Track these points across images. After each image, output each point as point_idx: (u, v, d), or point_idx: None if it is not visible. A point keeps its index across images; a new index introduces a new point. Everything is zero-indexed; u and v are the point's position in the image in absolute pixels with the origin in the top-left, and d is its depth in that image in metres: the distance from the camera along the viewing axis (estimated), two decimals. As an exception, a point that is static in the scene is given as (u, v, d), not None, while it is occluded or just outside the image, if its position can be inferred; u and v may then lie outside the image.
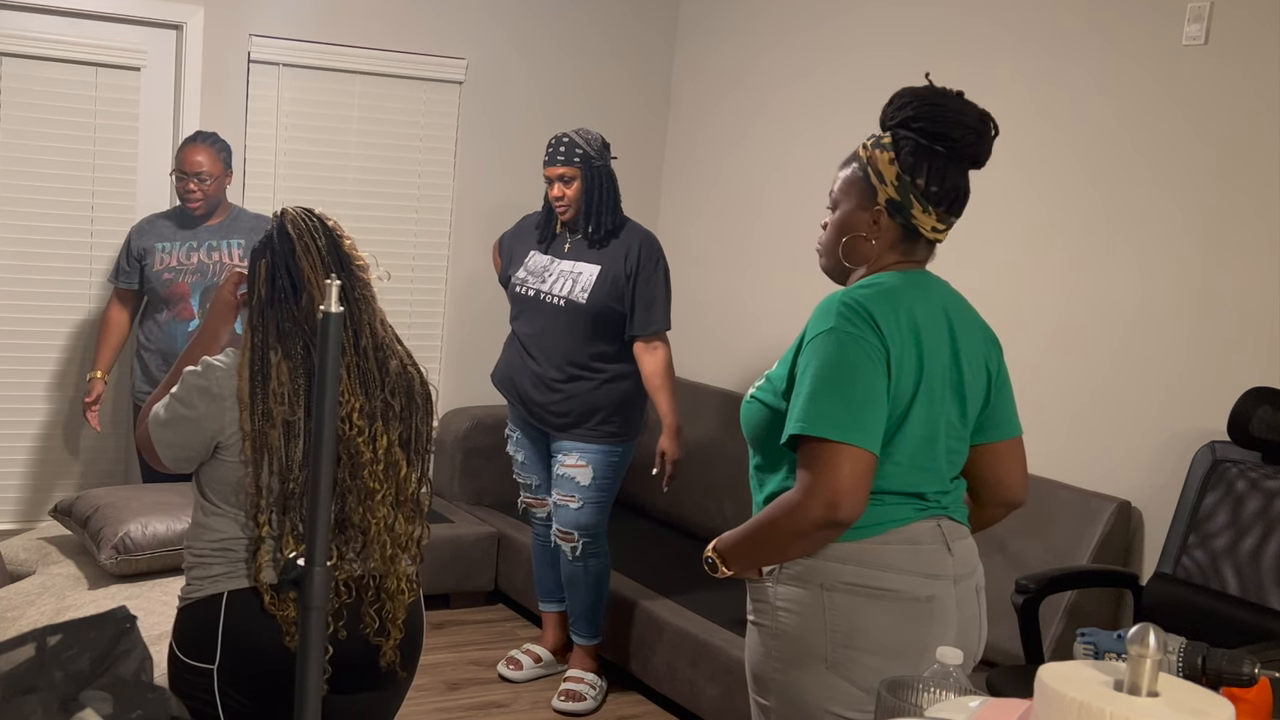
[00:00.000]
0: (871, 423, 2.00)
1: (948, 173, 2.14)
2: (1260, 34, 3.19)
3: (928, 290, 2.17)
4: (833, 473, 1.97)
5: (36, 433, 4.52)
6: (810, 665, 2.08)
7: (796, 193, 4.48)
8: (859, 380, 2.00)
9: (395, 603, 2.17)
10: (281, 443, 2.06)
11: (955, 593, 2.12)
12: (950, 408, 2.13)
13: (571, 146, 3.84)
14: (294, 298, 2.09)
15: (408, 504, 2.17)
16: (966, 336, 2.18)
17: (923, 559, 2.08)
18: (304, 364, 2.07)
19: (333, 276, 1.64)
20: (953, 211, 2.18)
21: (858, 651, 2.05)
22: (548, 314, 3.89)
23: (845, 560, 2.06)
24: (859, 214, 2.20)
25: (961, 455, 2.18)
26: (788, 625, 2.10)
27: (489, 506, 4.90)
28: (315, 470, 1.64)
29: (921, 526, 2.10)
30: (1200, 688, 1.30)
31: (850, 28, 4.46)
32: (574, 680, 3.97)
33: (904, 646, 2.06)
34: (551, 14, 5.11)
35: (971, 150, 2.16)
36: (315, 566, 1.70)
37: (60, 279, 4.46)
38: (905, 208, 2.15)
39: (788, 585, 2.10)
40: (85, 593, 3.26)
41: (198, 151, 4.07)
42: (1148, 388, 3.44)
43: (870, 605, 2.05)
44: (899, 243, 2.19)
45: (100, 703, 1.55)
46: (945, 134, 2.13)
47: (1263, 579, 2.97)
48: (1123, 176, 3.52)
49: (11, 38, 4.27)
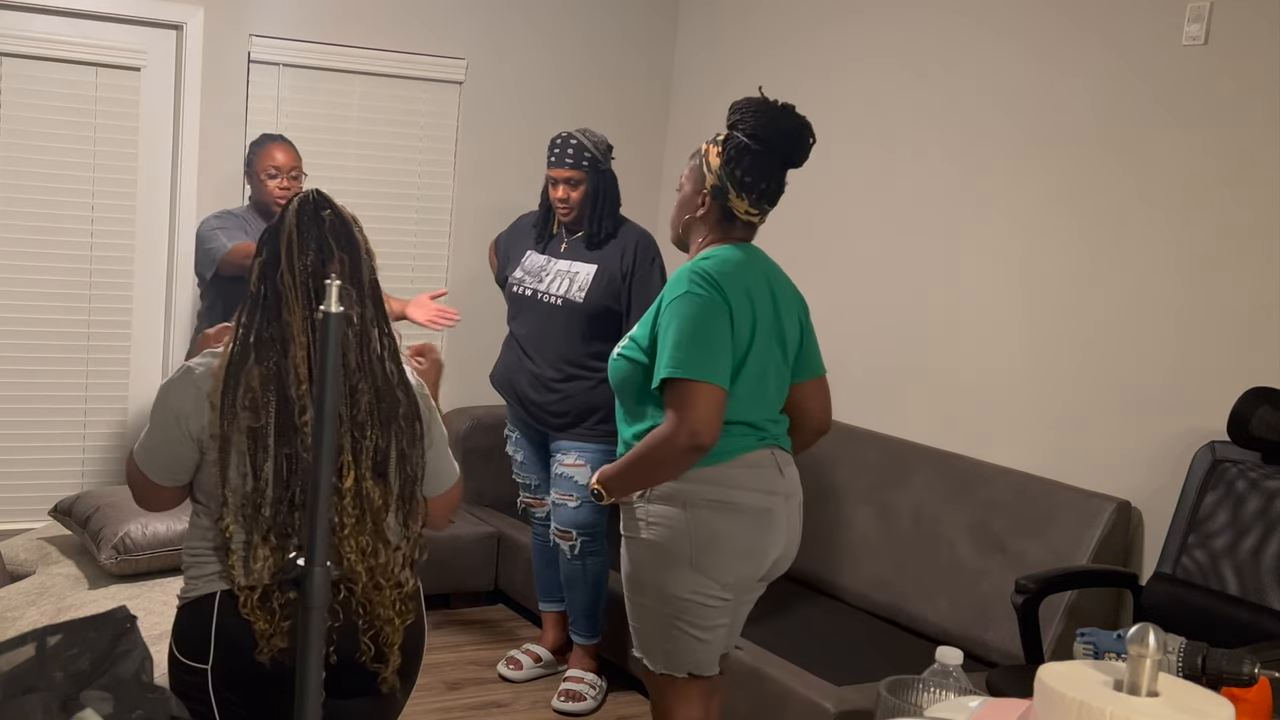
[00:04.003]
0: (722, 365, 2.52)
1: (762, 167, 2.61)
2: (1260, 34, 3.19)
3: (755, 260, 2.69)
4: (695, 407, 2.49)
5: (36, 433, 4.52)
6: (678, 566, 2.59)
7: (795, 192, 4.47)
8: (711, 332, 2.52)
9: (390, 628, 2.10)
10: (247, 449, 2.01)
11: (786, 507, 2.67)
12: (775, 352, 2.66)
13: (580, 150, 3.81)
14: (276, 305, 2.05)
15: (389, 531, 2.10)
16: (783, 296, 2.71)
17: (762, 479, 2.63)
18: (275, 374, 2.02)
19: (332, 277, 1.62)
20: (765, 198, 2.65)
21: (716, 554, 2.58)
22: (544, 313, 3.89)
23: (703, 481, 2.58)
24: (693, 197, 2.70)
25: (784, 391, 2.72)
26: (659, 536, 2.61)
27: (489, 506, 4.90)
28: (316, 470, 1.63)
29: (760, 454, 2.64)
30: (1200, 688, 1.30)
31: (849, 29, 4.46)
32: (574, 680, 3.96)
33: (751, 549, 2.62)
34: (551, 14, 5.11)
35: (783, 150, 2.63)
36: (315, 566, 1.69)
37: (60, 279, 4.45)
38: (725, 193, 2.63)
39: (657, 504, 2.61)
40: (85, 593, 3.26)
41: (281, 150, 4.05)
42: (1148, 387, 3.44)
43: (725, 516, 2.59)
44: (720, 222, 2.68)
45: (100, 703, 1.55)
46: (761, 135, 2.60)
47: (1262, 579, 2.96)
48: (1122, 176, 3.52)
49: (11, 38, 4.27)
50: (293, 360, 2.02)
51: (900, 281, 4.22)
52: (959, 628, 3.61)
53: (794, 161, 2.67)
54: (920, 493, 3.88)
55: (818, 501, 4.07)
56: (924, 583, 3.76)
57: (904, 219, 4.21)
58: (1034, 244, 3.77)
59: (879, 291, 4.30)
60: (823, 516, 4.07)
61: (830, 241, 4.49)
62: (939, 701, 1.56)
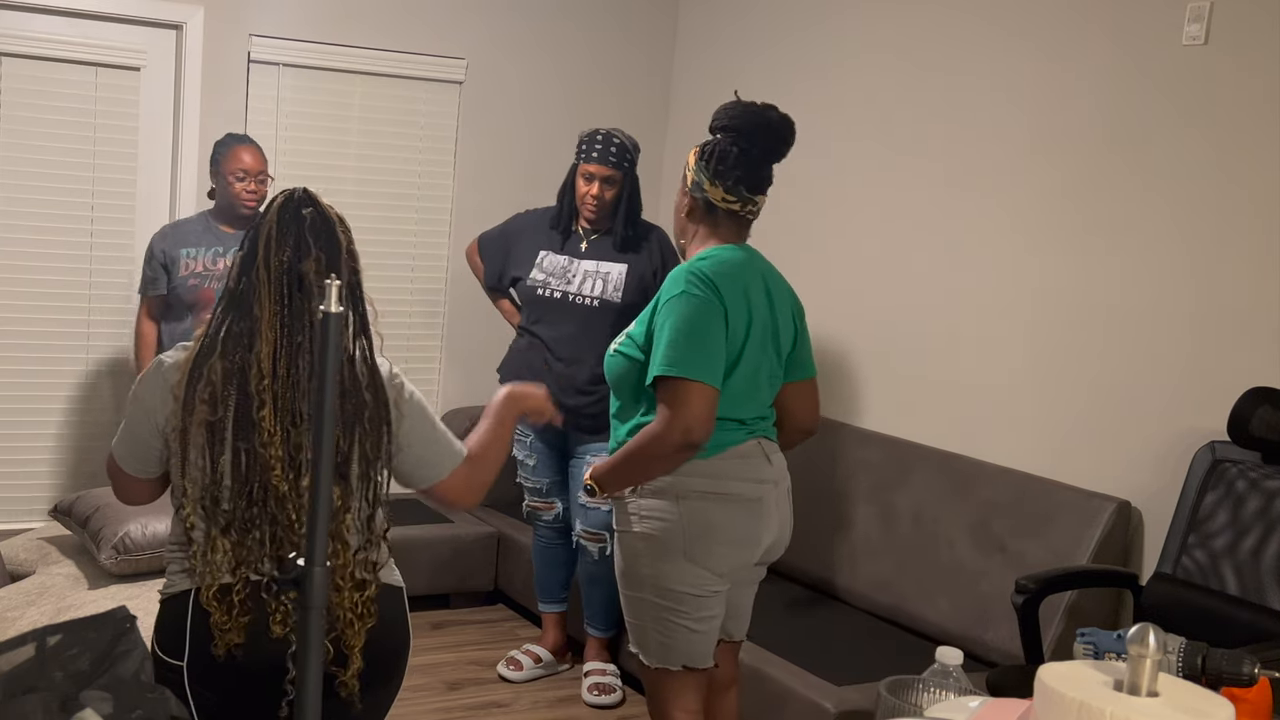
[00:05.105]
0: (715, 365, 2.57)
1: (734, 155, 2.67)
2: (1260, 34, 3.19)
3: (752, 262, 2.74)
4: (688, 405, 2.53)
5: (36, 433, 4.52)
6: (673, 558, 2.63)
7: (796, 191, 4.47)
8: (706, 332, 2.57)
9: (350, 631, 2.06)
10: (205, 441, 2.02)
11: (776, 494, 2.73)
12: (769, 352, 2.71)
13: (622, 150, 3.77)
14: (249, 300, 2.05)
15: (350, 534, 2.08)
16: (779, 296, 2.76)
17: (751, 469, 2.68)
18: (239, 369, 2.02)
19: (332, 277, 1.62)
20: (743, 184, 2.68)
21: (710, 543, 2.63)
22: (579, 316, 3.83)
23: (696, 475, 2.62)
24: (681, 199, 2.80)
25: (775, 389, 2.77)
26: (653, 530, 2.65)
27: (489, 506, 4.89)
28: (315, 470, 1.63)
29: (748, 445, 2.69)
30: (1200, 688, 1.30)
31: (849, 28, 4.46)
32: (597, 674, 3.98)
33: (744, 537, 2.67)
34: (551, 14, 5.11)
35: (753, 137, 2.68)
36: (315, 566, 1.69)
37: (60, 279, 4.45)
38: (700, 184, 2.71)
39: (650, 499, 2.65)
40: (85, 593, 3.26)
41: (249, 152, 4.03)
42: (1148, 387, 3.44)
43: (717, 507, 2.63)
44: (706, 216, 2.73)
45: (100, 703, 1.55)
46: (730, 126, 2.69)
47: (1262, 579, 2.96)
48: (1123, 176, 3.52)
49: (11, 38, 4.27)
50: (257, 355, 2.02)
51: (900, 281, 4.22)
52: (959, 628, 3.61)
53: (770, 148, 2.71)
54: (920, 493, 3.88)
55: (818, 501, 4.08)
56: (924, 583, 3.76)
57: (904, 218, 4.21)
58: (1034, 245, 3.77)
59: (878, 291, 4.29)
60: (823, 516, 4.07)
61: (830, 240, 4.49)
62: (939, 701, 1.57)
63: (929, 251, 4.12)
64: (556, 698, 4.02)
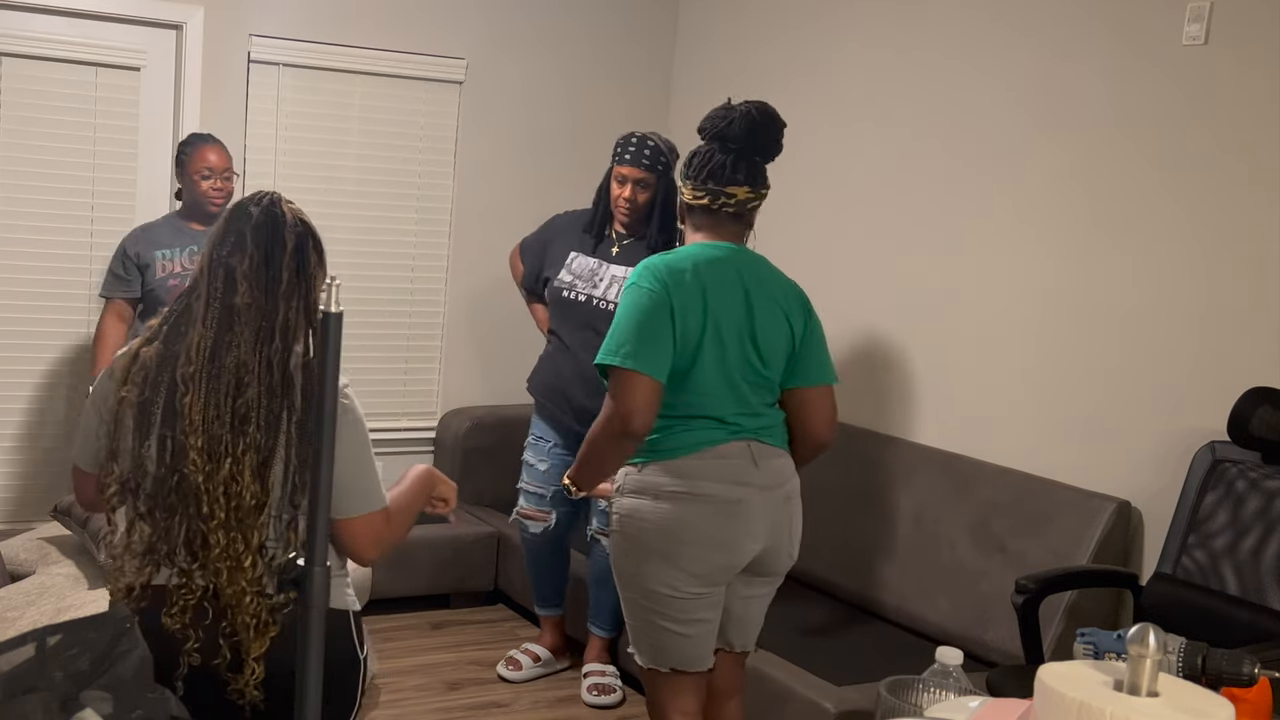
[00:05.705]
0: (657, 356, 2.56)
1: (702, 155, 2.71)
2: (1260, 34, 3.19)
3: (729, 260, 2.70)
4: (627, 394, 2.54)
5: (36, 433, 4.52)
6: (650, 558, 2.64)
7: (796, 191, 4.47)
8: (649, 324, 2.57)
9: (247, 635, 2.01)
10: (133, 423, 2.05)
11: (764, 499, 2.66)
12: (747, 350, 2.66)
13: (657, 153, 3.73)
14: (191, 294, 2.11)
15: (266, 539, 2.04)
16: (762, 297, 2.69)
17: (731, 470, 2.63)
18: (171, 358, 2.05)
19: (332, 277, 1.63)
20: (711, 179, 2.68)
21: (684, 544, 2.61)
22: (602, 320, 3.78)
23: (669, 474, 2.62)
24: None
25: (766, 390, 2.71)
26: (631, 529, 2.66)
27: (489, 506, 4.89)
28: (315, 469, 1.63)
29: (732, 445, 2.65)
30: (1200, 688, 1.30)
31: (849, 25, 4.46)
32: (597, 674, 3.98)
33: (721, 539, 2.63)
34: (551, 14, 5.11)
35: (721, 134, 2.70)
36: (315, 566, 1.70)
37: (60, 279, 4.45)
38: (679, 190, 2.80)
39: (629, 498, 2.67)
40: (85, 593, 3.26)
41: (213, 151, 4.07)
42: (1148, 388, 3.44)
43: (691, 507, 2.61)
44: (687, 216, 2.78)
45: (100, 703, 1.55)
46: (703, 128, 2.74)
47: (1262, 579, 2.96)
48: (1123, 176, 3.52)
49: (11, 38, 4.26)
50: (187, 344, 2.05)
51: (899, 281, 4.22)
52: (959, 628, 3.61)
53: (748, 145, 2.70)
54: (920, 493, 3.88)
55: (819, 502, 4.07)
56: (924, 583, 3.76)
57: (904, 217, 4.21)
58: (1034, 246, 3.77)
59: (878, 291, 4.29)
60: (824, 517, 4.06)
61: (829, 240, 4.49)
62: (939, 701, 1.57)
63: (929, 251, 4.12)
64: (556, 698, 4.02)
